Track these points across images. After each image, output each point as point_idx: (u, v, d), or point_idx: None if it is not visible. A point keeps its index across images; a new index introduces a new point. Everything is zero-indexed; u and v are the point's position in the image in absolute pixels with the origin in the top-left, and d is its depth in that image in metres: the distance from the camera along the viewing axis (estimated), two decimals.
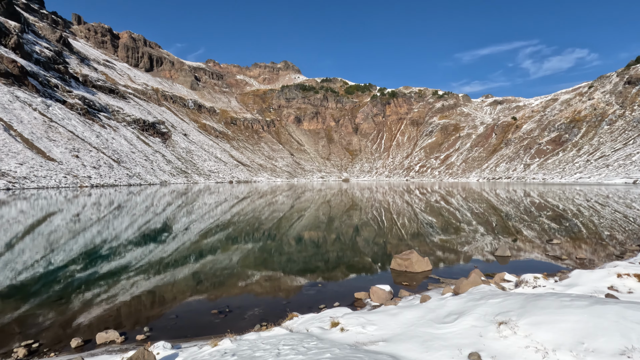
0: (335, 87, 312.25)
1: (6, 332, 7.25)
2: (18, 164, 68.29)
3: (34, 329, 7.41)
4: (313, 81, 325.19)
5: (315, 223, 24.71)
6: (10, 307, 8.62)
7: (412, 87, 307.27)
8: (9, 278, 11.15)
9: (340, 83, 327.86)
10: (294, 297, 9.69)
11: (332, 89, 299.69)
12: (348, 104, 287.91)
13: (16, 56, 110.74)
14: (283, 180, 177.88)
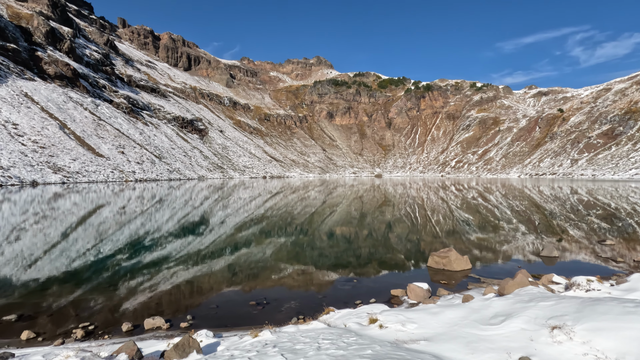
0: (368, 82, 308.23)
1: (66, 315, 7.84)
2: (72, 160, 73.67)
3: (89, 313, 7.95)
4: (345, 76, 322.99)
5: (347, 218, 24.60)
6: (68, 292, 9.31)
7: (448, 79, 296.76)
8: (66, 265, 12.05)
9: (373, 77, 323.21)
10: (328, 291, 9.69)
11: (364, 83, 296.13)
12: (381, 99, 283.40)
13: (69, 59, 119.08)
14: (315, 175, 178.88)
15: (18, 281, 10.23)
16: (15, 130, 72.15)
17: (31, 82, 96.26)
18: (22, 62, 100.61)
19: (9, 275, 10.77)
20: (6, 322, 7.35)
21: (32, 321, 7.44)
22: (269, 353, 4.24)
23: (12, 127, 72.60)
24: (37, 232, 17.88)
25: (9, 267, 11.69)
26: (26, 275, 10.85)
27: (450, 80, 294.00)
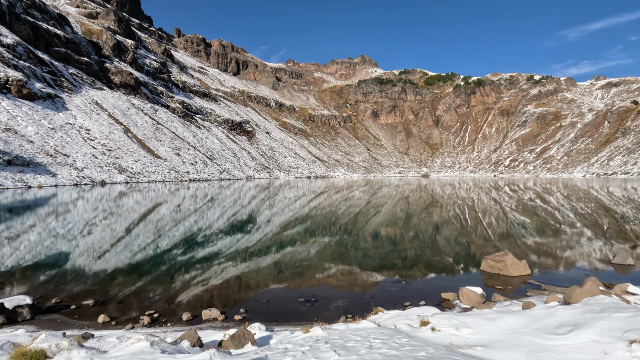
0: (414, 79, 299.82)
1: (134, 302, 8.59)
2: (134, 161, 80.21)
3: (153, 302, 8.64)
4: (391, 74, 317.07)
5: (393, 219, 24.15)
6: (135, 282, 10.19)
7: (501, 73, 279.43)
8: (132, 257, 13.17)
9: (419, 74, 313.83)
10: (375, 292, 9.62)
11: (410, 80, 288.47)
12: (428, 96, 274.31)
13: (132, 69, 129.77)
14: (359, 175, 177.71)
15: (93, 270, 11.38)
16: (87, 135, 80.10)
17: (100, 91, 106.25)
18: (94, 73, 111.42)
19: (86, 265, 12.01)
20: (85, 306, 8.22)
21: (106, 307, 8.25)
22: (321, 348, 4.33)
23: (85, 132, 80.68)
24: (106, 227, 19.72)
25: (85, 257, 13.04)
26: (99, 265, 12.04)
27: (503, 74, 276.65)
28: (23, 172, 54.10)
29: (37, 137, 66.45)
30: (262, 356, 4.10)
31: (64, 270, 11.34)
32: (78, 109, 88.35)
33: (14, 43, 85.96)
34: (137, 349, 4.61)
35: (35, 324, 7.16)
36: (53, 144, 67.94)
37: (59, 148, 67.92)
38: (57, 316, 7.69)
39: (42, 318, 7.55)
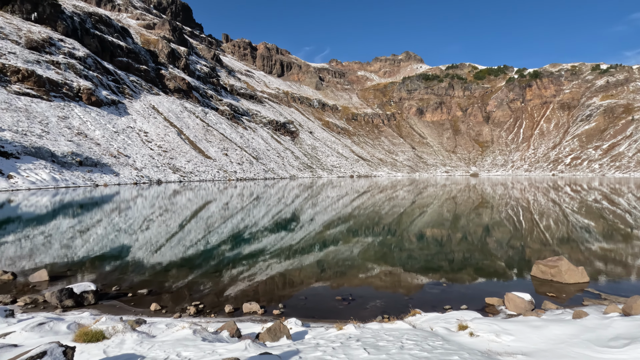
0: (463, 74, 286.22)
1: (182, 293, 9.23)
2: (186, 162, 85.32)
3: (199, 294, 9.21)
4: (437, 69, 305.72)
5: (439, 220, 23.35)
6: (184, 275, 10.92)
7: (561, 64, 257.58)
8: (182, 252, 14.10)
9: (468, 68, 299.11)
10: (415, 294, 9.42)
11: (458, 75, 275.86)
12: (477, 91, 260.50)
13: (184, 75, 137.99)
14: (404, 174, 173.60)
15: (149, 263, 12.36)
16: (145, 137, 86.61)
17: (157, 96, 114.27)
18: (151, 79, 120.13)
19: (143, 258, 13.08)
20: (140, 295, 8.99)
21: (158, 296, 8.95)
22: (352, 346, 4.37)
23: (144, 134, 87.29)
24: (162, 223, 21.25)
25: (143, 251, 14.19)
26: (155, 258, 13.04)
27: (564, 65, 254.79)
28: (91, 172, 59.88)
29: (103, 140, 73.15)
30: (294, 349, 4.24)
31: (125, 262, 12.44)
32: (137, 113, 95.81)
33: (85, 55, 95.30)
34: (181, 335, 4.98)
35: (98, 309, 7.97)
36: (116, 146, 74.36)
37: (122, 150, 74.19)
38: (117, 302, 8.49)
39: (104, 303, 8.38)
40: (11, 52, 76.48)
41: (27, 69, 73.93)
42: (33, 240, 15.73)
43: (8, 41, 79.96)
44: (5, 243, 15.15)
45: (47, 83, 76.36)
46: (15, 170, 47.75)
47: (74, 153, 60.81)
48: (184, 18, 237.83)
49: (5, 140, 52.24)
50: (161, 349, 4.40)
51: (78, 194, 40.49)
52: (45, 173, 50.65)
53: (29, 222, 20.62)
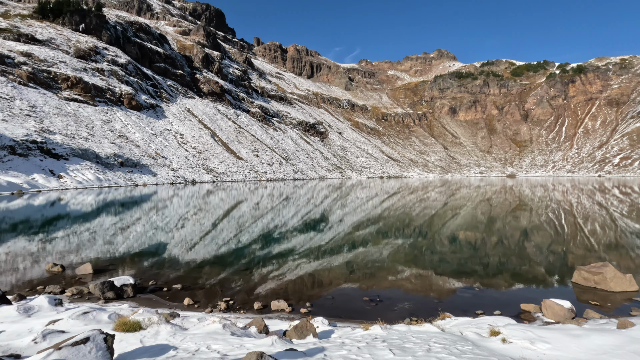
0: (499, 70, 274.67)
1: (214, 290, 9.55)
2: (219, 163, 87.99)
3: (231, 290, 9.49)
4: (471, 67, 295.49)
5: (472, 223, 22.57)
6: (215, 271, 11.28)
7: (609, 57, 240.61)
8: (215, 250, 14.56)
9: (504, 65, 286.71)
10: (446, 297, 9.17)
11: (494, 72, 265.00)
12: (515, 88, 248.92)
13: (218, 78, 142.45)
14: (435, 175, 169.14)
15: (184, 260, 12.89)
16: (181, 139, 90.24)
17: (192, 99, 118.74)
18: (186, 84, 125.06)
19: (178, 255, 13.65)
20: (175, 289, 9.40)
21: (191, 291, 9.31)
22: (377, 346, 4.34)
23: (180, 136, 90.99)
24: (196, 222, 22.06)
25: (178, 248, 14.81)
26: (189, 255, 13.57)
27: (612, 58, 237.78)
28: (132, 172, 63.22)
29: (142, 142, 77.03)
30: (319, 347, 4.28)
31: (161, 258, 13.04)
32: (174, 116, 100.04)
33: (126, 62, 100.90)
34: (211, 329, 5.17)
35: (136, 301, 8.42)
36: (154, 147, 78.04)
37: (159, 151, 77.76)
38: (153, 296, 8.93)
39: (142, 297, 8.84)
40: (62, 61, 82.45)
41: (76, 77, 79.38)
42: (79, 236, 16.86)
43: (59, 51, 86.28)
44: (56, 238, 16.35)
45: (93, 89, 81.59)
46: (64, 171, 51.36)
47: (116, 154, 64.47)
48: (217, 23, 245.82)
49: (57, 142, 56.34)
50: (192, 341, 4.59)
51: (119, 193, 42.88)
52: (91, 173, 54.08)
53: (76, 219, 22.12)
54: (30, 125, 56.86)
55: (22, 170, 46.07)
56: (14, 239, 16.01)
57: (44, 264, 11.71)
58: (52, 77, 75.97)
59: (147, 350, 4.22)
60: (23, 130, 53.08)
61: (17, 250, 13.69)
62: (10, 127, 52.02)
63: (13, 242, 15.20)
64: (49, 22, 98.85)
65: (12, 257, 12.67)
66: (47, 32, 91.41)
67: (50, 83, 74.86)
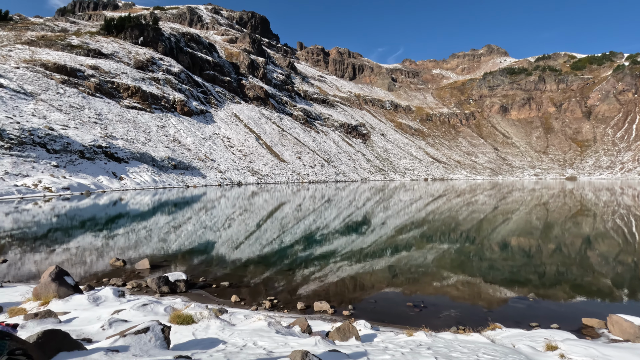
0: (556, 65, 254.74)
1: (259, 288, 9.87)
2: (263, 165, 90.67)
3: (275, 290, 9.75)
4: (524, 62, 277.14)
5: (526, 228, 21.15)
6: (259, 271, 11.65)
7: None
8: (259, 250, 15.03)
9: (563, 58, 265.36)
10: (496, 307, 8.69)
11: (551, 67, 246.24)
12: (575, 83, 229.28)
13: (262, 83, 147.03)
14: (484, 177, 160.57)
15: (231, 258, 13.46)
16: (228, 142, 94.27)
17: (238, 104, 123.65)
18: (233, 89, 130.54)
19: (225, 254, 14.29)
20: (223, 287, 9.85)
21: (238, 289, 9.70)
22: (422, 353, 4.23)
23: (227, 140, 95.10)
24: (241, 222, 22.93)
25: (225, 247, 15.50)
26: (236, 254, 14.14)
27: None
28: (183, 174, 67.18)
29: (193, 146, 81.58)
30: (362, 350, 4.27)
31: (210, 256, 13.73)
32: (222, 121, 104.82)
33: (179, 71, 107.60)
34: (257, 326, 5.36)
35: (188, 296, 8.94)
36: (204, 151, 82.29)
37: (208, 154, 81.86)
38: (203, 292, 9.44)
39: (193, 292, 9.37)
40: (123, 72, 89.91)
41: (135, 86, 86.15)
42: (138, 234, 18.24)
43: (121, 63, 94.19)
44: (117, 235, 17.83)
45: (150, 97, 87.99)
46: (125, 173, 55.87)
47: (170, 158, 68.87)
48: (262, 30, 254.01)
49: (118, 147, 61.45)
50: (240, 337, 4.79)
51: (172, 194, 45.74)
52: (147, 175, 58.27)
53: (135, 218, 23.97)
54: (96, 132, 62.61)
55: (89, 172, 50.84)
56: (83, 234, 17.71)
57: (107, 258, 12.84)
58: (115, 87, 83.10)
59: (199, 343, 4.49)
60: (90, 136, 58.57)
61: (86, 245, 15.14)
62: (80, 134, 57.67)
63: (82, 238, 16.82)
64: (113, 37, 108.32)
65: (81, 251, 14.04)
66: (111, 46, 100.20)
67: (114, 93, 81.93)
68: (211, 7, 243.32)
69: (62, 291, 6.86)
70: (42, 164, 45.94)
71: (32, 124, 51.80)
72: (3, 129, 46.15)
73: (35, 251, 13.95)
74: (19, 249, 14.30)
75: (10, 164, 42.20)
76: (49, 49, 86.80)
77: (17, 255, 13.13)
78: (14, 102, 57.05)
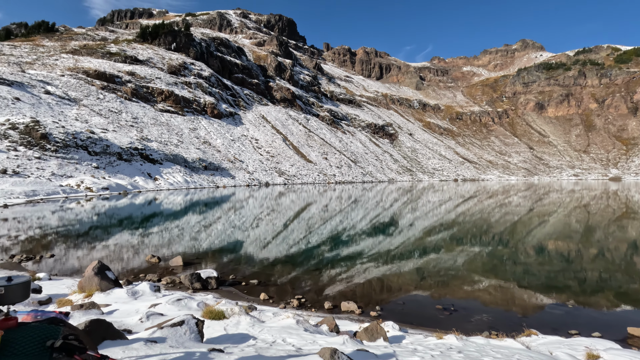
0: (598, 58, 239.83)
1: (287, 287, 10.01)
2: (290, 165, 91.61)
3: (301, 289, 9.85)
4: (563, 56, 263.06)
5: (565, 232, 20.10)
6: (287, 270, 11.80)
7: None
8: (286, 249, 15.22)
9: (606, 51, 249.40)
10: (531, 313, 8.33)
11: (592, 61, 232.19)
12: (620, 77, 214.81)
13: (289, 85, 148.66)
14: (519, 178, 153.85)
15: (257, 257, 13.73)
16: (256, 144, 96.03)
17: (266, 106, 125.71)
18: (261, 91, 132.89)
19: (254, 252, 14.59)
20: (252, 284, 10.07)
21: (266, 287, 9.88)
22: (452, 356, 4.14)
23: (255, 142, 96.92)
24: (269, 222, 23.30)
25: (254, 246, 15.82)
26: (264, 253, 14.41)
27: None
28: (213, 175, 69.15)
29: (222, 147, 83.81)
30: (390, 351, 4.24)
31: (239, 255, 14.07)
32: (250, 122, 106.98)
33: (209, 75, 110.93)
34: (286, 324, 5.45)
35: (218, 293, 9.22)
36: (233, 152, 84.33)
37: (237, 155, 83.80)
38: (233, 289, 9.69)
39: (223, 289, 9.65)
40: (157, 77, 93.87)
41: (168, 90, 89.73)
42: (171, 232, 18.99)
43: (156, 69, 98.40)
44: (152, 233, 18.64)
45: (182, 101, 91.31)
46: (159, 174, 58.27)
47: (201, 159, 71.10)
48: (289, 32, 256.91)
49: (153, 149, 64.18)
50: (269, 333, 4.90)
51: (203, 194, 47.20)
52: (180, 176, 60.48)
53: (168, 217, 24.95)
54: (133, 135, 65.74)
55: (126, 173, 53.46)
56: (121, 232, 18.67)
57: (143, 255, 13.46)
58: (150, 92, 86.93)
59: (230, 338, 4.63)
60: (127, 139, 61.56)
61: (123, 242, 15.95)
62: (118, 137, 60.78)
63: (120, 235, 17.74)
64: (148, 44, 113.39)
65: (119, 248, 14.81)
66: (146, 52, 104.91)
67: (148, 97, 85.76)
68: (240, 11, 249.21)
69: (103, 285, 7.29)
70: (84, 165, 48.82)
71: (75, 128, 55.16)
72: (50, 133, 49.48)
73: (79, 247, 14.86)
74: (64, 245, 15.29)
75: (56, 166, 45.16)
76: (90, 57, 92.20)
77: (63, 251, 14.05)
78: (60, 108, 61.03)
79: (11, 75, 64.56)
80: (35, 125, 49.20)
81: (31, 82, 65.35)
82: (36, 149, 46.52)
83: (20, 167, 41.61)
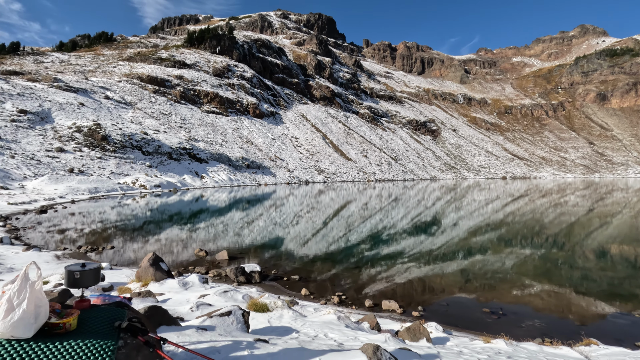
0: None
1: (327, 284, 10.10)
2: (330, 164, 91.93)
3: (343, 286, 9.89)
4: (629, 41, 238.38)
5: (631, 235, 18.32)
6: (327, 267, 11.90)
7: None
8: (326, 246, 15.34)
9: None
10: (591, 322, 7.71)
11: None
12: None
13: (329, 83, 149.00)
14: (576, 175, 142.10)
15: (298, 253, 13.97)
16: (296, 142, 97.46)
17: (305, 105, 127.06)
18: (301, 90, 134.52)
19: (295, 249, 14.87)
20: (293, 280, 10.29)
21: (307, 283, 10.04)
22: None
23: (295, 140, 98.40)
24: (309, 220, 23.60)
25: (295, 243, 16.12)
26: (304, 250, 14.64)
27: None
28: (255, 173, 71.29)
29: (264, 146, 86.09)
30: (434, 352, 4.14)
31: (280, 251, 14.42)
32: (290, 121, 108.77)
33: (251, 76, 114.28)
34: (327, 319, 5.52)
35: (262, 287, 9.52)
36: (274, 151, 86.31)
37: (278, 154, 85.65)
38: (275, 284, 9.96)
39: (266, 283, 9.96)
40: (203, 80, 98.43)
41: (213, 92, 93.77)
42: (216, 227, 19.88)
43: (202, 72, 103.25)
44: (199, 228, 19.64)
45: (226, 102, 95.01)
46: (205, 172, 61.17)
47: (244, 158, 73.59)
48: (328, 30, 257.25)
49: (200, 149, 67.48)
50: (311, 328, 4.99)
51: (246, 192, 48.83)
52: (224, 174, 63.04)
53: (214, 213, 26.14)
54: (181, 135, 69.57)
55: (176, 171, 56.73)
56: (172, 227, 19.88)
57: (191, 249, 14.23)
58: (197, 94, 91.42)
59: (274, 330, 4.79)
60: (177, 140, 65.26)
61: (174, 236, 16.97)
62: (168, 137, 64.63)
63: (171, 230, 18.89)
64: (195, 49, 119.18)
65: (170, 241, 15.78)
66: (193, 57, 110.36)
67: (195, 99, 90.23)
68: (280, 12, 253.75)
69: (158, 275, 7.83)
70: (138, 164, 52.53)
71: (130, 130, 59.48)
72: (109, 135, 53.80)
73: (135, 240, 16.05)
74: (122, 237, 16.59)
75: (114, 165, 49.03)
76: (143, 63, 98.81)
77: (121, 243, 15.25)
78: (117, 111, 66.12)
79: (77, 83, 71.04)
80: (96, 128, 53.76)
81: (93, 89, 71.47)
82: (97, 149, 50.82)
83: (84, 166, 45.70)
